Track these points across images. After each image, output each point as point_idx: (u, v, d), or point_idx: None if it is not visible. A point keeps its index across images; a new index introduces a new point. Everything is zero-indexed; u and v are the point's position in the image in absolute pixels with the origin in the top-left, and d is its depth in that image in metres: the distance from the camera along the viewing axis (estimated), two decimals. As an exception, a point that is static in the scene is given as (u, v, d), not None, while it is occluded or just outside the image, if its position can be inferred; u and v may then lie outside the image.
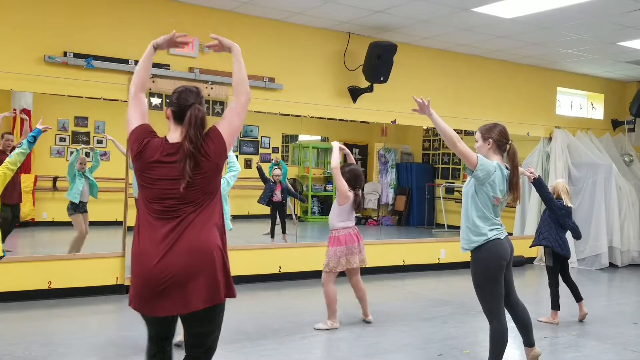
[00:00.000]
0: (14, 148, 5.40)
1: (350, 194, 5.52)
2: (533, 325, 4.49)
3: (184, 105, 2.83)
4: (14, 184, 7.10)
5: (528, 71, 10.29)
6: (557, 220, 6.08)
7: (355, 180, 5.57)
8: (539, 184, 5.88)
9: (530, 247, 6.82)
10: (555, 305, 6.14)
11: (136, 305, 2.79)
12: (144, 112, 2.95)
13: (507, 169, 3.99)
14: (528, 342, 4.46)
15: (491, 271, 3.94)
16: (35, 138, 4.37)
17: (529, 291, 6.84)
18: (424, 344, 5.25)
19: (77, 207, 7.26)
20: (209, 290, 2.72)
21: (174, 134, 2.84)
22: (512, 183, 3.94)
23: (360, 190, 5.62)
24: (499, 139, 3.94)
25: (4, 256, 4.38)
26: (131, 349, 4.76)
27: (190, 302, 2.70)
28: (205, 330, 2.85)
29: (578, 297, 6.25)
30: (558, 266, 6.19)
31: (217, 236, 2.81)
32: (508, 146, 3.97)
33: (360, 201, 5.57)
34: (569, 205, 6.13)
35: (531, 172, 5.77)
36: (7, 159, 4.22)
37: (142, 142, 2.82)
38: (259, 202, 9.36)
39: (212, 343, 2.91)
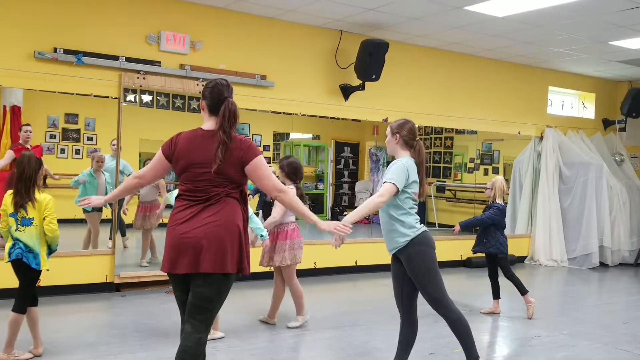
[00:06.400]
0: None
1: (292, 189, 5.32)
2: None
3: (218, 99, 3.15)
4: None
5: (520, 70, 10.31)
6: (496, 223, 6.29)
7: (295, 173, 5.46)
8: (466, 227, 6.31)
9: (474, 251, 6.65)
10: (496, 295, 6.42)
11: (165, 267, 3.10)
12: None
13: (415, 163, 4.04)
14: None
15: (433, 259, 4.00)
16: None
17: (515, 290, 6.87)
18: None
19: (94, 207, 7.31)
20: (218, 259, 3.00)
21: (208, 123, 3.17)
22: (419, 179, 4.01)
23: (300, 182, 5.51)
24: (407, 135, 4.04)
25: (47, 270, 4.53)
26: (120, 347, 4.73)
27: (200, 265, 3.00)
28: (207, 293, 3.03)
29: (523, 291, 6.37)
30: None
31: (240, 217, 3.11)
32: (415, 142, 4.06)
33: (303, 194, 5.47)
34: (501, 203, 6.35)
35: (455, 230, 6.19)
36: None
37: (173, 140, 3.17)
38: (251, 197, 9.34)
39: (210, 314, 3.07)
